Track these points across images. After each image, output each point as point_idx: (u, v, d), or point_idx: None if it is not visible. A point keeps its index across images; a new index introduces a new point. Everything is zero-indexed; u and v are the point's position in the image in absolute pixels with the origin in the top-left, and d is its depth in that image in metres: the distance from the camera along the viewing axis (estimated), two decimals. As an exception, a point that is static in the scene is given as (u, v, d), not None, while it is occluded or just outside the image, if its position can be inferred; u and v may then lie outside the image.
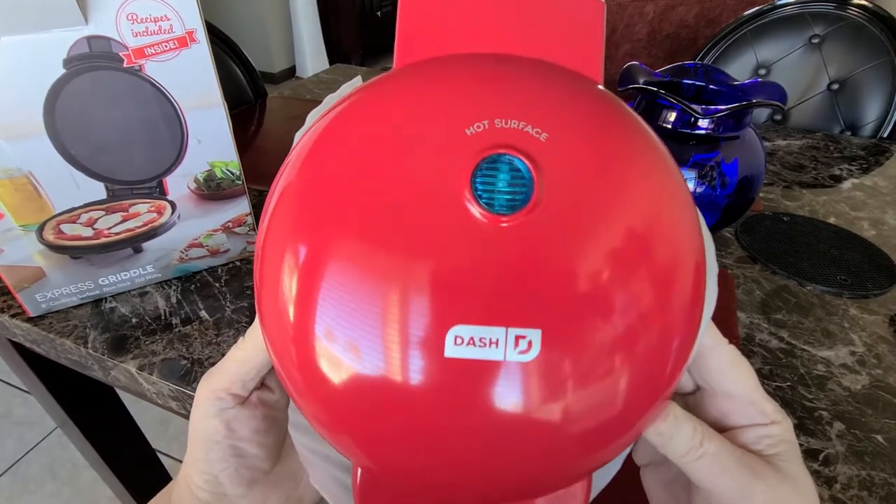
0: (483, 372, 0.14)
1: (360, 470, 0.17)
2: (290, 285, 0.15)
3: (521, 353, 0.14)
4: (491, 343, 0.14)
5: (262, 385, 0.22)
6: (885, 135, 0.91)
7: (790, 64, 0.97)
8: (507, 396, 0.15)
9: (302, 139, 0.18)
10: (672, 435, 0.18)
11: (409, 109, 0.16)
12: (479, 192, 0.15)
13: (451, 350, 0.14)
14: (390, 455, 0.16)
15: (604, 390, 0.15)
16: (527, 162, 0.15)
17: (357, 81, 0.21)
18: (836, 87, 0.94)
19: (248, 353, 0.20)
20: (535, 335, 0.14)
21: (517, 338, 0.14)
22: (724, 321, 0.47)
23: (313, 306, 0.15)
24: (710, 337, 0.19)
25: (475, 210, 0.15)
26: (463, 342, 0.14)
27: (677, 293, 0.16)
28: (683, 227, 0.16)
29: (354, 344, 0.15)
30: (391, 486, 0.17)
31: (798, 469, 0.19)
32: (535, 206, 0.15)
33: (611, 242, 0.15)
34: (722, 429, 0.20)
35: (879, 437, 0.37)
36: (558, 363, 0.15)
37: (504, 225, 0.14)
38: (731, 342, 0.20)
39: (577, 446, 0.16)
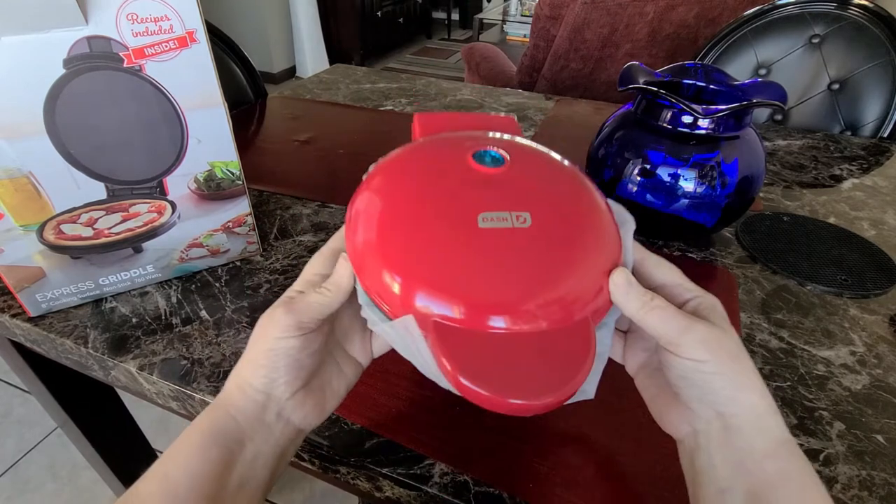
0: (502, 233, 0.27)
1: (429, 338, 0.25)
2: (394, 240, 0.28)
3: (522, 223, 0.27)
4: (503, 220, 0.27)
5: None
6: (885, 135, 0.91)
7: (790, 64, 0.97)
8: (518, 247, 0.27)
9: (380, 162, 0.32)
10: (628, 290, 0.26)
11: (434, 141, 0.34)
12: (478, 161, 0.30)
13: (482, 223, 0.27)
14: (457, 287, 0.26)
15: (571, 244, 0.28)
16: (499, 151, 0.31)
17: None
18: (836, 87, 0.94)
19: (331, 299, 0.28)
20: (527, 215, 0.28)
21: (517, 216, 0.28)
22: (724, 321, 0.47)
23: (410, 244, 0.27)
24: (639, 252, 0.29)
25: (479, 166, 0.30)
26: (487, 220, 0.27)
27: (593, 196, 0.30)
28: (586, 180, 0.32)
29: (434, 240, 0.27)
30: (458, 332, 0.25)
31: (727, 325, 0.26)
32: (507, 167, 0.30)
33: (553, 179, 0.31)
34: None
35: (880, 437, 0.37)
36: (542, 228, 0.28)
37: (493, 172, 0.30)
38: None
39: (563, 272, 0.27)
